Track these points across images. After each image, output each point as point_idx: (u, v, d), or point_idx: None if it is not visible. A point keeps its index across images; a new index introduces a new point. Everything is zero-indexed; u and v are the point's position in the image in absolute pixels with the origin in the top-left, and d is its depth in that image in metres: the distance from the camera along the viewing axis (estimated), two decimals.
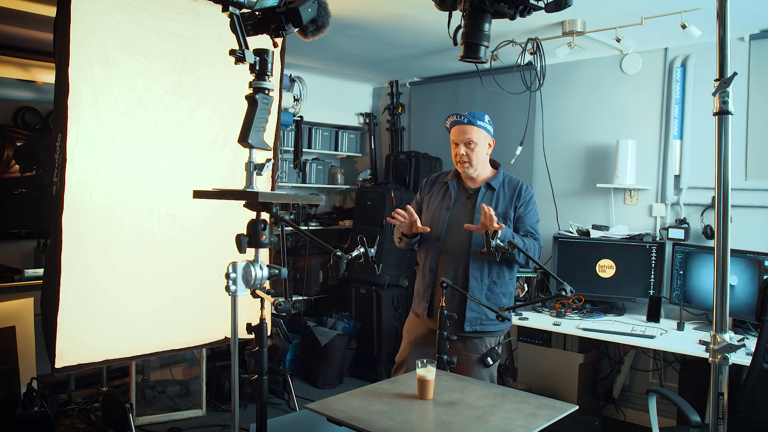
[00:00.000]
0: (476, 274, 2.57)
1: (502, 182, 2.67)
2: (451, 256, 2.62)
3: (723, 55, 1.38)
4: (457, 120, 2.64)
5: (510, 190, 2.65)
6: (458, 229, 2.59)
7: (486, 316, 2.55)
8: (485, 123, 2.65)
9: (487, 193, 2.64)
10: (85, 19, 2.47)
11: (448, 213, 2.64)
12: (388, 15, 3.33)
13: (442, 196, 2.71)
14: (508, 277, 2.65)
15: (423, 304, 2.67)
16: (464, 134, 2.61)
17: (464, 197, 2.68)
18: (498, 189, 2.64)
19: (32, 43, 3.56)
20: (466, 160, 2.61)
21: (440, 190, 2.74)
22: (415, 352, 2.68)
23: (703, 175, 3.66)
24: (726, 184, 1.36)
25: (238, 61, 1.61)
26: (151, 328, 2.83)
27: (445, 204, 2.67)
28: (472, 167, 2.62)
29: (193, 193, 1.71)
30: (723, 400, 1.38)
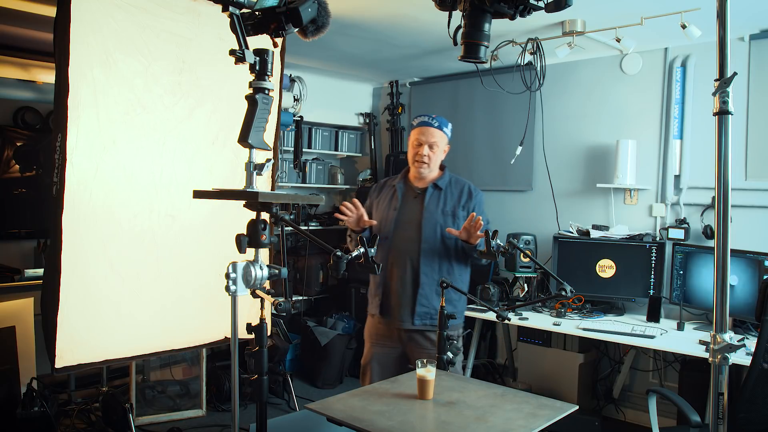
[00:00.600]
0: (426, 270, 2.64)
1: (449, 182, 2.77)
2: (401, 254, 2.70)
3: (723, 55, 1.38)
4: (426, 121, 2.74)
5: (458, 191, 2.74)
6: (407, 228, 2.70)
7: (436, 311, 2.54)
8: (449, 130, 2.79)
9: (435, 193, 2.73)
10: (85, 19, 2.47)
11: (395, 213, 2.73)
12: (388, 15, 3.33)
13: (389, 198, 2.80)
14: (458, 272, 2.71)
15: (375, 302, 2.76)
16: (431, 136, 2.71)
17: (411, 197, 2.77)
18: (445, 188, 2.74)
19: (32, 43, 3.56)
20: (426, 161, 2.71)
21: (388, 193, 2.83)
22: (376, 353, 2.78)
23: (703, 175, 3.66)
24: (726, 184, 1.36)
25: (238, 61, 1.61)
26: (151, 328, 2.83)
27: (393, 205, 2.76)
28: (429, 168, 2.73)
29: (193, 193, 1.71)
30: (723, 400, 1.38)
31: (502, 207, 4.62)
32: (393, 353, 2.76)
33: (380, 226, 2.75)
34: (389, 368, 2.74)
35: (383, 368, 2.75)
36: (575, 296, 3.58)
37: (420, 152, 2.71)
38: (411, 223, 2.70)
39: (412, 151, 2.76)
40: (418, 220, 2.68)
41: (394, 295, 2.70)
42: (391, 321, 2.72)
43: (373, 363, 2.77)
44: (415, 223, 2.69)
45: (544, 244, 4.12)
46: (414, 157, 2.74)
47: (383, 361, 2.77)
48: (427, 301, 2.64)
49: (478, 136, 4.70)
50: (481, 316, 3.67)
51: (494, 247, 2.28)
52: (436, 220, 2.68)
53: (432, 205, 2.70)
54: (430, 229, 2.66)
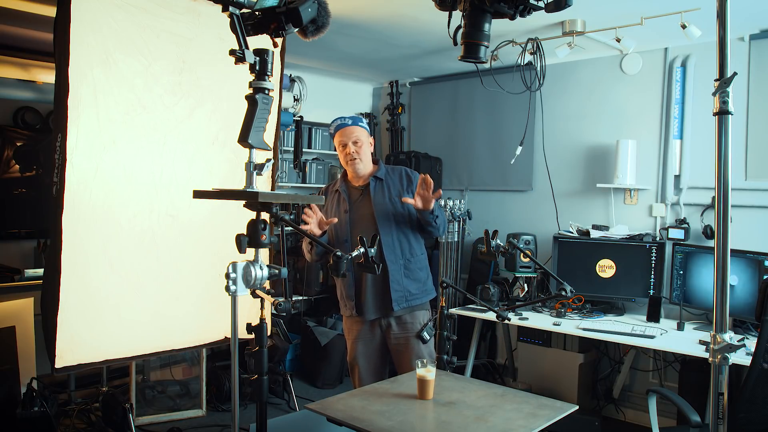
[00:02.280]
0: (391, 257, 2.70)
1: (386, 172, 2.84)
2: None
3: (723, 55, 1.38)
4: (342, 123, 2.82)
5: (397, 177, 2.82)
6: (361, 224, 2.75)
7: (410, 292, 2.71)
8: (365, 124, 2.85)
9: (378, 184, 2.79)
10: (85, 19, 2.47)
11: (347, 214, 2.79)
12: (388, 15, 3.34)
13: (338, 203, 2.85)
14: (419, 251, 2.81)
15: (350, 304, 2.79)
16: (351, 134, 2.78)
17: (357, 195, 2.83)
18: (385, 178, 2.81)
19: (32, 43, 3.56)
20: (356, 156, 2.77)
21: (334, 198, 2.88)
22: (361, 349, 2.83)
23: (703, 175, 3.66)
24: (726, 184, 1.36)
25: (238, 61, 1.61)
26: (151, 328, 2.83)
27: (342, 207, 2.81)
28: (362, 162, 2.78)
29: (193, 193, 1.71)
30: (723, 400, 1.38)
31: (502, 207, 4.63)
32: (373, 345, 2.83)
33: (336, 230, 2.81)
34: (373, 360, 2.84)
35: (368, 361, 2.83)
36: (575, 296, 3.58)
37: (347, 151, 2.78)
38: (364, 218, 2.77)
39: (341, 155, 2.83)
40: (371, 213, 2.75)
41: (367, 291, 2.75)
42: (369, 316, 2.77)
43: (359, 359, 2.84)
44: (368, 217, 2.76)
45: (544, 244, 4.12)
46: (345, 158, 2.81)
47: (367, 354, 2.83)
48: (399, 285, 2.71)
49: (478, 136, 4.71)
50: (481, 316, 3.67)
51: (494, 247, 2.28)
52: (387, 208, 2.76)
53: (379, 196, 2.77)
54: (383, 218, 2.74)
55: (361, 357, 2.83)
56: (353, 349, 2.86)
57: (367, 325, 2.80)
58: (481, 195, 4.77)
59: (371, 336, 2.82)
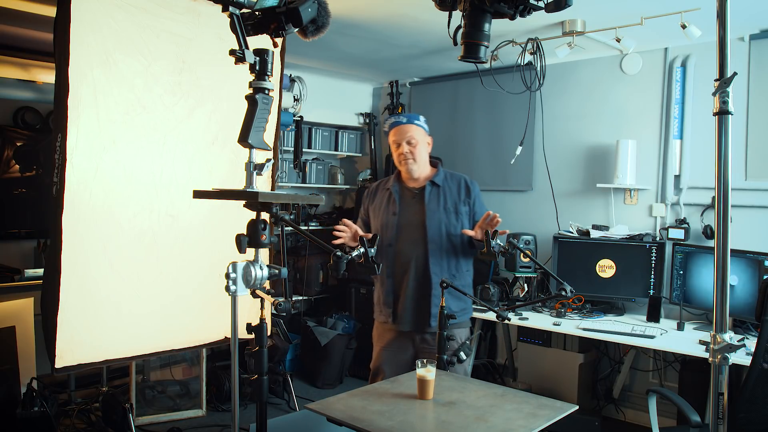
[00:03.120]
0: (436, 270, 2.60)
1: (445, 178, 2.72)
2: (408, 258, 2.65)
3: (723, 55, 1.38)
4: (397, 121, 2.72)
5: (455, 186, 2.70)
6: (410, 231, 2.64)
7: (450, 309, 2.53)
8: (422, 123, 2.72)
9: (433, 190, 2.68)
10: (85, 19, 2.47)
11: (395, 218, 2.67)
12: (388, 15, 3.33)
13: (386, 203, 2.73)
14: (465, 268, 2.70)
15: (386, 311, 2.69)
16: (405, 133, 2.67)
17: (409, 198, 2.71)
18: (442, 185, 2.69)
19: (32, 43, 3.56)
20: (409, 157, 2.66)
21: (383, 197, 2.76)
22: (388, 357, 2.72)
23: (703, 175, 3.66)
24: (726, 184, 1.36)
25: (238, 61, 1.61)
26: (151, 328, 2.83)
27: (392, 209, 2.69)
28: (416, 163, 2.67)
29: (193, 193, 1.71)
30: (723, 400, 1.38)
31: (502, 207, 4.61)
32: (404, 356, 2.70)
33: (381, 232, 2.69)
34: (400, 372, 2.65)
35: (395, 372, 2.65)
36: (575, 296, 3.57)
37: (401, 151, 2.67)
38: (414, 224, 2.65)
39: (395, 154, 2.72)
40: (421, 220, 2.63)
41: (406, 301, 2.64)
42: (404, 327, 2.66)
43: (384, 367, 2.72)
44: (418, 224, 2.64)
45: (544, 244, 4.12)
46: (398, 159, 2.70)
47: (394, 363, 2.70)
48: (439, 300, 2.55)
49: (478, 136, 4.70)
50: (481, 316, 3.67)
51: (494, 247, 2.28)
52: (440, 218, 2.63)
53: (433, 204, 2.65)
54: (434, 228, 2.62)
55: (388, 366, 2.71)
56: (380, 356, 2.74)
57: (400, 335, 2.68)
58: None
59: (403, 347, 2.69)
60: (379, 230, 2.71)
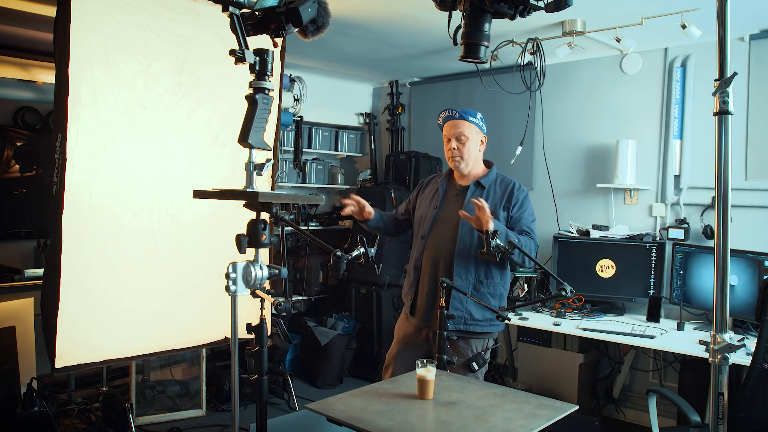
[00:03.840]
0: (461, 272, 2.52)
1: (494, 181, 2.65)
2: (435, 254, 2.60)
3: (723, 55, 1.38)
4: (449, 115, 2.63)
5: (501, 190, 2.62)
6: (444, 227, 2.59)
7: (471, 316, 2.50)
8: (477, 119, 2.63)
9: (477, 191, 2.61)
10: (86, 19, 2.47)
11: (434, 211, 2.64)
12: (388, 15, 3.33)
13: (431, 196, 2.71)
14: (499, 278, 2.58)
15: (407, 301, 2.69)
16: (456, 128, 2.60)
17: (453, 195, 2.67)
18: (488, 187, 2.62)
19: (32, 43, 3.56)
20: (457, 155, 2.60)
21: (432, 190, 2.74)
22: (402, 351, 2.70)
23: (703, 175, 3.66)
24: (726, 184, 1.36)
25: (238, 61, 1.61)
26: (151, 328, 2.83)
27: (433, 203, 2.67)
28: (464, 161, 2.61)
29: (193, 193, 1.71)
30: (723, 400, 1.38)
31: None
32: (418, 353, 2.56)
33: (419, 224, 2.67)
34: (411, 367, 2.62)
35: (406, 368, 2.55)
36: (575, 296, 3.58)
37: (450, 147, 2.60)
38: (449, 222, 2.58)
39: (445, 150, 2.65)
40: (456, 219, 2.54)
41: (425, 296, 2.60)
42: (420, 322, 2.61)
43: (397, 361, 2.67)
44: (452, 222, 2.57)
45: (544, 244, 4.11)
46: (447, 154, 2.64)
47: (407, 360, 2.61)
48: (461, 305, 2.50)
49: None
50: None
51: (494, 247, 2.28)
52: None
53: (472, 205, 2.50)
54: (467, 229, 2.51)
55: (400, 360, 2.65)
56: (395, 348, 2.70)
57: (416, 330, 2.63)
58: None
59: (417, 343, 2.62)
60: (418, 222, 2.68)
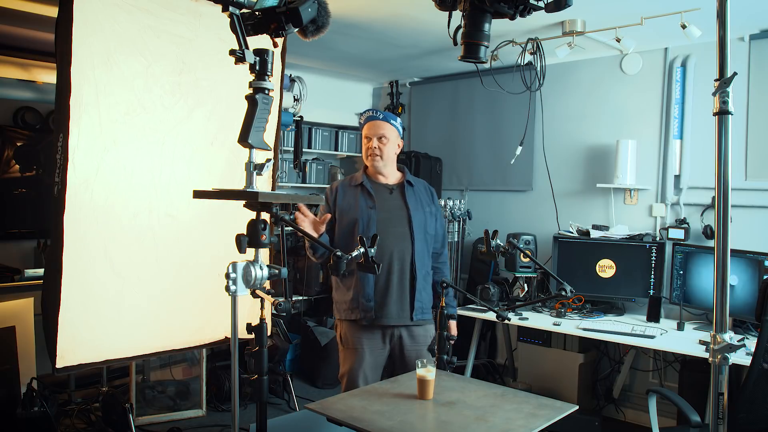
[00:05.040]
0: (419, 265, 2.67)
1: (415, 180, 2.84)
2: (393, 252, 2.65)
3: (723, 55, 1.38)
4: (372, 116, 2.77)
5: (422, 187, 2.82)
6: (393, 225, 2.67)
7: (426, 305, 2.68)
8: (397, 124, 2.79)
9: (410, 189, 2.76)
10: (88, 19, 2.47)
11: (374, 211, 2.65)
12: (388, 15, 3.34)
13: (360, 198, 2.69)
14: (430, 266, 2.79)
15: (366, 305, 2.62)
16: (378, 129, 2.72)
17: (386, 193, 2.74)
18: (416, 185, 2.80)
19: (32, 43, 3.56)
20: (377, 153, 2.71)
21: (354, 194, 2.71)
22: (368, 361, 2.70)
23: (703, 175, 3.66)
24: (726, 184, 1.36)
25: (238, 61, 1.61)
26: (151, 328, 2.83)
27: (368, 203, 2.67)
28: (382, 161, 2.72)
29: (193, 193, 1.71)
30: (723, 400, 1.38)
31: (502, 207, 4.62)
32: (381, 357, 2.68)
33: (358, 225, 2.64)
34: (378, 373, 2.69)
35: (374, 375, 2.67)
36: (575, 296, 3.58)
37: (370, 145, 2.72)
38: (397, 219, 2.67)
39: (364, 148, 2.76)
40: (406, 215, 2.67)
41: (388, 294, 2.62)
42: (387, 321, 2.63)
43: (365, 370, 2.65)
44: (402, 219, 2.67)
45: (544, 244, 4.12)
46: (366, 152, 2.74)
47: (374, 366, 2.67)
48: (420, 295, 2.66)
49: (478, 136, 4.71)
50: (481, 316, 3.67)
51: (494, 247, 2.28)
52: (422, 216, 2.72)
53: (413, 201, 2.72)
54: (419, 225, 2.68)
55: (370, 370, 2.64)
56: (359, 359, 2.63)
57: (377, 331, 2.64)
58: (481, 195, 4.77)
59: (381, 347, 2.66)
60: (355, 224, 2.65)
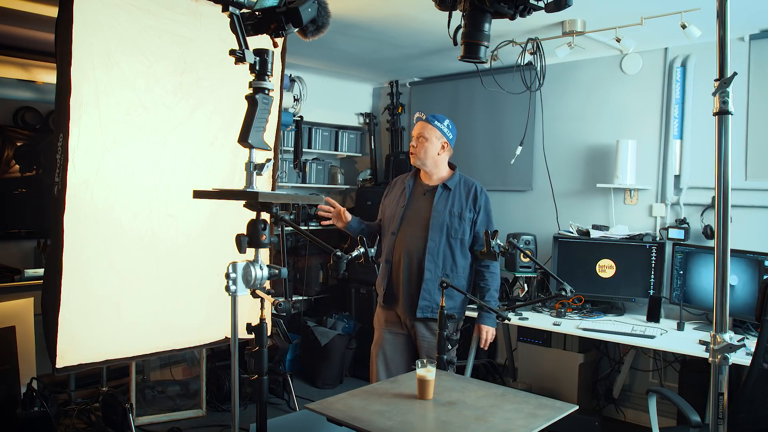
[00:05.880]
0: (430, 267, 2.76)
1: (458, 182, 2.88)
2: (406, 249, 2.83)
3: (723, 55, 1.38)
4: (417, 117, 2.93)
5: (465, 191, 2.87)
6: (413, 224, 2.82)
7: (437, 304, 2.71)
8: (442, 125, 2.88)
9: (444, 193, 2.85)
10: (88, 19, 2.47)
11: (403, 209, 2.86)
12: (388, 15, 3.34)
13: (399, 195, 2.93)
14: (461, 270, 2.84)
15: (380, 293, 2.90)
16: (418, 129, 2.87)
17: (420, 194, 2.90)
18: (454, 189, 2.86)
19: (32, 43, 3.56)
20: (414, 152, 2.86)
21: (399, 189, 2.96)
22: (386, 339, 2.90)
23: (703, 175, 3.66)
24: (726, 184, 1.37)
25: (238, 61, 1.61)
26: (151, 328, 2.84)
27: (401, 202, 2.89)
28: (420, 159, 2.84)
29: (193, 193, 1.71)
30: (723, 400, 1.38)
31: (502, 207, 4.62)
32: (401, 339, 2.88)
33: (389, 222, 2.89)
34: (397, 353, 2.88)
35: (392, 353, 2.88)
36: (575, 296, 3.58)
37: (411, 144, 2.88)
38: (418, 219, 2.82)
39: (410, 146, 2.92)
40: (426, 218, 2.80)
41: (398, 287, 2.83)
42: (395, 309, 2.85)
43: (384, 346, 2.89)
44: (423, 220, 2.81)
45: (544, 244, 4.12)
46: (410, 150, 2.90)
47: (392, 346, 2.88)
48: (430, 295, 2.76)
49: (478, 136, 4.70)
50: None
51: (494, 247, 2.28)
52: (444, 219, 2.79)
53: (440, 205, 2.81)
54: (436, 228, 2.78)
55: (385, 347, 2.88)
56: (380, 337, 2.91)
57: (395, 317, 2.87)
58: None
59: (399, 329, 2.87)
60: (388, 219, 2.91)
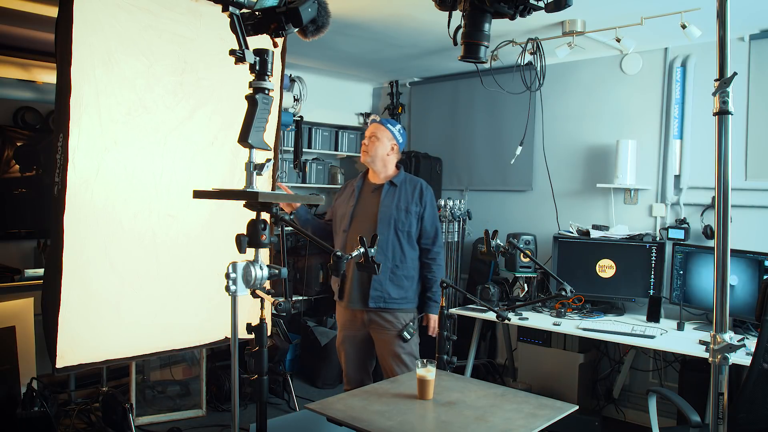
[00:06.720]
0: (379, 258, 2.86)
1: (404, 180, 3.03)
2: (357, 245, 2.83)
3: (723, 55, 1.38)
4: (374, 119, 3.12)
5: (411, 187, 3.01)
6: (363, 221, 2.96)
7: (389, 295, 2.90)
8: (394, 129, 3.06)
9: (391, 189, 3.00)
10: (88, 19, 2.46)
11: (352, 208, 3.02)
12: (388, 15, 3.34)
13: (349, 196, 3.09)
14: (410, 261, 2.98)
15: (335, 288, 3.05)
16: (372, 130, 3.05)
17: (369, 192, 3.05)
18: (400, 185, 3.00)
19: (32, 43, 3.56)
20: (366, 150, 3.02)
21: (349, 191, 3.12)
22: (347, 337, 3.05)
23: (703, 175, 3.66)
24: (726, 184, 1.37)
25: (238, 61, 1.61)
26: (151, 328, 2.83)
27: (351, 201, 3.05)
28: (370, 157, 3.00)
29: (193, 193, 1.71)
30: (723, 400, 1.38)
31: (502, 207, 4.62)
32: (359, 336, 3.02)
33: (340, 220, 3.04)
34: (359, 350, 3.05)
35: (354, 350, 3.05)
36: (575, 296, 3.58)
37: (363, 142, 3.05)
38: (367, 216, 2.97)
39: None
40: (375, 213, 2.95)
41: (351, 281, 2.96)
42: (350, 305, 2.97)
43: (345, 346, 3.06)
44: (371, 216, 2.95)
45: (544, 244, 4.12)
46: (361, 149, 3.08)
47: (353, 343, 3.05)
48: (380, 286, 2.90)
49: (478, 136, 4.71)
50: (481, 316, 3.67)
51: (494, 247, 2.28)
52: (391, 213, 2.93)
53: (388, 200, 2.96)
54: (384, 221, 2.92)
55: (347, 345, 3.05)
56: (340, 335, 3.09)
57: (350, 313, 3.00)
58: (481, 195, 4.77)
59: (355, 328, 3.01)
60: (339, 218, 3.05)
